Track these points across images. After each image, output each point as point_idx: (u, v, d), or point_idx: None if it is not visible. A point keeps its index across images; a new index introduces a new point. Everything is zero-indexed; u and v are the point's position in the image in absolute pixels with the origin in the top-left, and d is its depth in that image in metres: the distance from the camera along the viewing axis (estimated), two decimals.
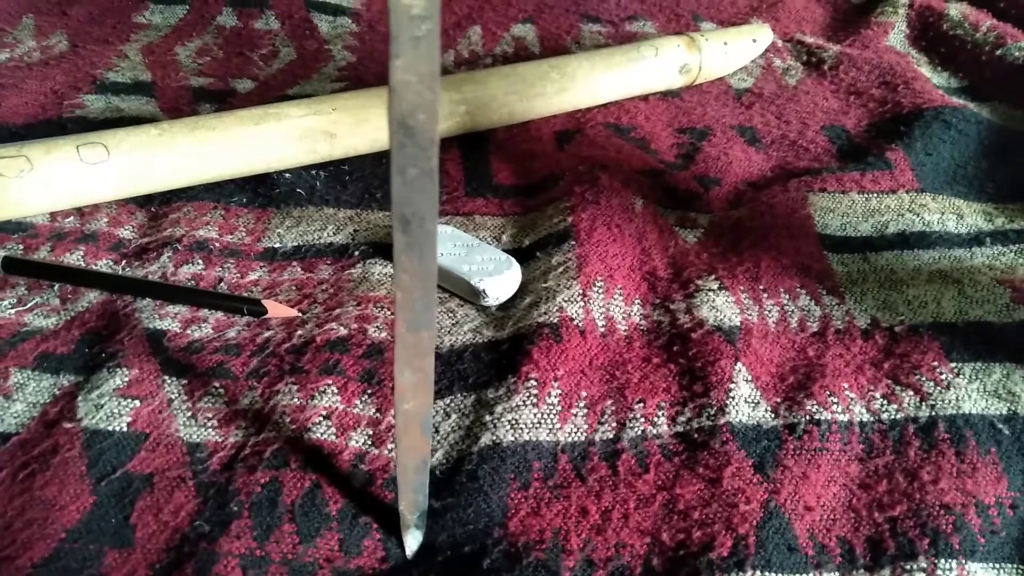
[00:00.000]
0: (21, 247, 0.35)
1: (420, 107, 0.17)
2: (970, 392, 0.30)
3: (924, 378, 0.30)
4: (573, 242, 0.35)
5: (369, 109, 0.40)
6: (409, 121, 0.17)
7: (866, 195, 0.39)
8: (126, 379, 0.29)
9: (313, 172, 0.40)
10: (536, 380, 0.29)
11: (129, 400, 0.28)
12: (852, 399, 0.29)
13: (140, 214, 0.37)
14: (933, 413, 0.29)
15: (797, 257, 0.36)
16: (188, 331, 0.31)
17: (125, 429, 0.27)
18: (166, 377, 0.29)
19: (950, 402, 0.29)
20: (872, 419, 0.29)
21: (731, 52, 0.48)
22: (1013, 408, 0.29)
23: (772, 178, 0.41)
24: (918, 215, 0.38)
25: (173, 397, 0.28)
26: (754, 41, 0.50)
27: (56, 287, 0.33)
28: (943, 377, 0.30)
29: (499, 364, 0.30)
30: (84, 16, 0.53)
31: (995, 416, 0.29)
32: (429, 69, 0.17)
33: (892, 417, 0.29)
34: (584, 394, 0.29)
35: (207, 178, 0.38)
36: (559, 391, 0.29)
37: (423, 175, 0.18)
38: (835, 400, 0.29)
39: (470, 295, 0.32)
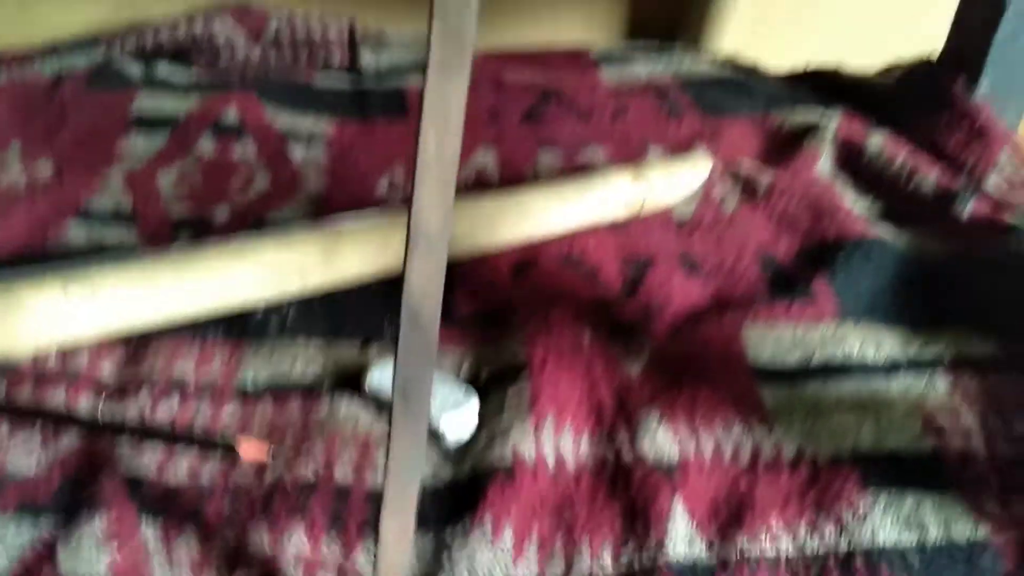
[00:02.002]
0: (4, 387, 0.36)
1: (426, 299, 0.21)
2: (884, 523, 0.33)
3: (844, 509, 0.33)
4: (526, 376, 0.38)
5: (337, 248, 0.43)
6: (417, 310, 0.21)
7: (794, 326, 0.43)
8: (104, 524, 0.30)
9: (285, 307, 0.43)
10: (491, 520, 0.31)
11: (108, 545, 0.30)
12: (779, 534, 0.32)
13: (119, 350, 0.39)
14: (851, 546, 0.32)
15: (731, 389, 0.39)
16: (165, 474, 0.33)
17: (104, 573, 0.29)
18: (143, 520, 0.31)
19: (866, 533, 0.32)
20: (797, 554, 0.32)
21: (675, 183, 0.53)
22: (922, 539, 0.32)
23: (709, 308, 0.45)
24: (840, 345, 0.42)
25: (149, 541, 0.30)
26: (695, 173, 0.54)
27: (38, 428, 0.35)
28: (860, 509, 0.33)
29: (456, 504, 0.32)
30: (70, 141, 0.56)
31: (907, 547, 0.32)
32: (438, 270, 0.21)
33: (815, 551, 0.32)
34: (535, 533, 0.31)
35: (187, 315, 0.40)
36: (512, 531, 0.31)
37: (424, 357, 0.22)
38: (764, 534, 0.32)
39: (429, 435, 0.35)
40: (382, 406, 0.36)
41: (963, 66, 0.62)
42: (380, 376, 0.37)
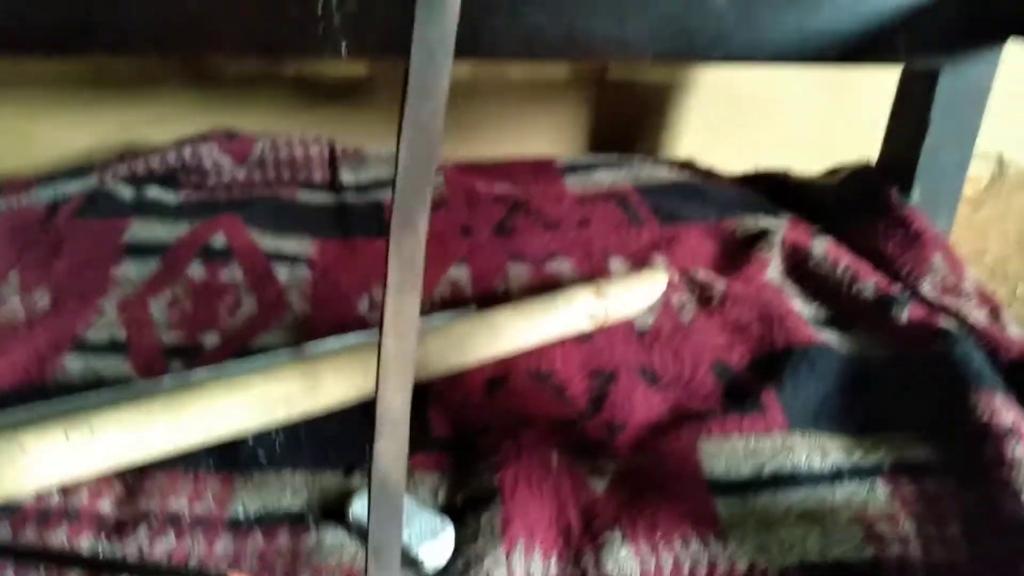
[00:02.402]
0: (8, 528, 0.39)
1: (393, 470, 0.24)
2: None
3: None
4: (499, 502, 0.41)
5: (320, 377, 0.46)
6: (385, 480, 0.24)
7: (745, 438, 0.47)
8: None
9: (272, 435, 0.46)
10: None
11: None
12: None
13: (118, 486, 0.42)
14: None
15: (689, 504, 0.42)
16: None
17: None
18: None
19: None
20: None
21: (633, 298, 0.57)
22: None
23: (669, 420, 0.49)
24: (789, 455, 0.46)
25: None
26: (652, 287, 0.58)
27: (42, 569, 0.37)
28: None
29: None
30: (65, 270, 0.59)
31: None
32: (401, 448, 0.24)
33: None
34: None
35: (180, 449, 0.43)
36: None
37: (392, 517, 0.25)
38: None
39: (407, 562, 0.38)
40: (365, 535, 0.39)
41: (896, 175, 0.68)
42: (362, 506, 0.40)
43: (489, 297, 0.60)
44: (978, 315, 0.57)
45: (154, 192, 0.69)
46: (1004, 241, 1.01)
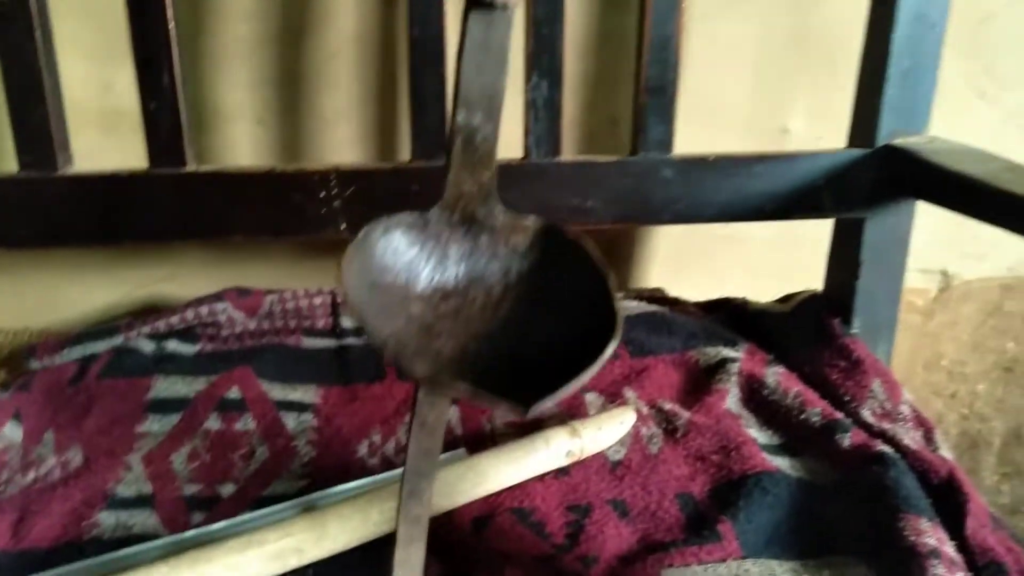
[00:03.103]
0: None
1: None
2: None
3: None
4: None
5: (326, 525, 0.53)
6: None
7: (704, 566, 0.53)
8: None
9: None
10: None
11: None
12: None
13: None
14: None
15: None
16: None
17: None
18: None
19: None
20: None
21: (604, 435, 0.64)
22: None
23: (636, 551, 0.55)
24: None
25: None
26: (621, 423, 0.65)
27: None
28: None
29: None
30: (94, 428, 0.66)
31: None
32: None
33: None
34: None
35: None
36: None
37: None
38: None
39: None
40: None
41: (838, 306, 0.76)
42: None
43: (477, 435, 0.67)
44: (912, 437, 0.64)
45: (173, 346, 0.77)
46: (958, 345, 1.09)
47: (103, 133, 0.80)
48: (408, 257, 0.33)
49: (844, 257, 0.75)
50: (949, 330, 1.07)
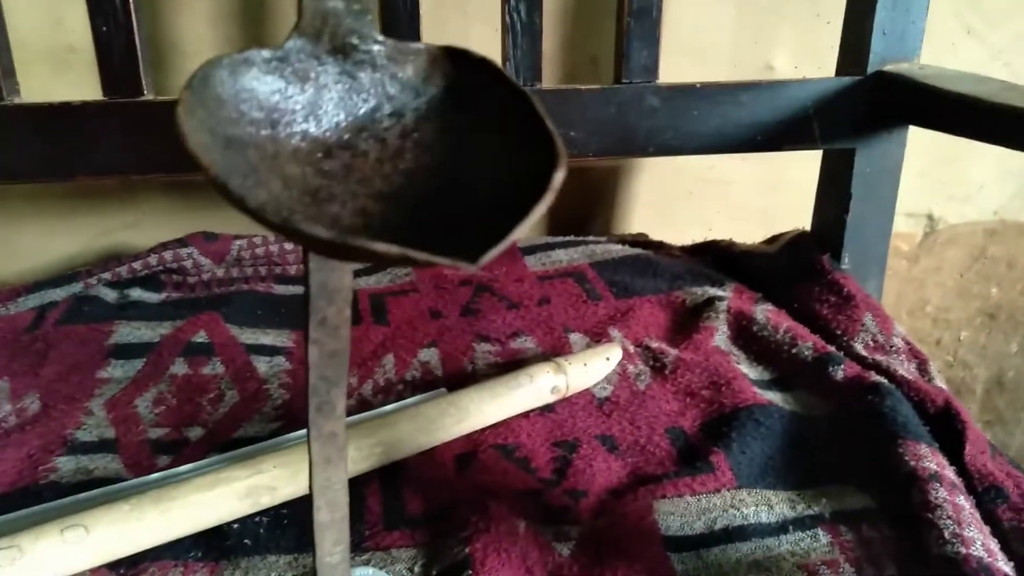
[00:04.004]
0: None
1: None
2: None
3: None
4: (470, 572, 0.44)
5: (302, 462, 0.50)
6: None
7: (697, 496, 0.51)
8: None
9: (257, 519, 0.49)
10: None
11: None
12: None
13: None
14: None
15: (646, 562, 0.46)
16: None
17: None
18: None
19: None
20: None
21: (590, 371, 0.62)
22: None
23: (627, 484, 0.53)
24: (738, 510, 0.50)
25: None
26: (607, 359, 0.63)
27: None
28: None
29: None
30: (53, 375, 0.63)
31: None
32: None
33: None
34: None
35: (170, 539, 0.46)
36: None
37: None
38: None
39: None
40: None
41: (827, 243, 0.74)
42: None
43: (458, 376, 0.64)
44: (907, 369, 0.62)
45: (137, 293, 0.73)
46: (943, 291, 1.08)
47: (54, 72, 0.76)
48: (269, 104, 0.26)
49: (834, 191, 0.73)
50: (934, 276, 1.06)
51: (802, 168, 0.81)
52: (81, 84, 0.74)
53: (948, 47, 0.91)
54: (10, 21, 0.63)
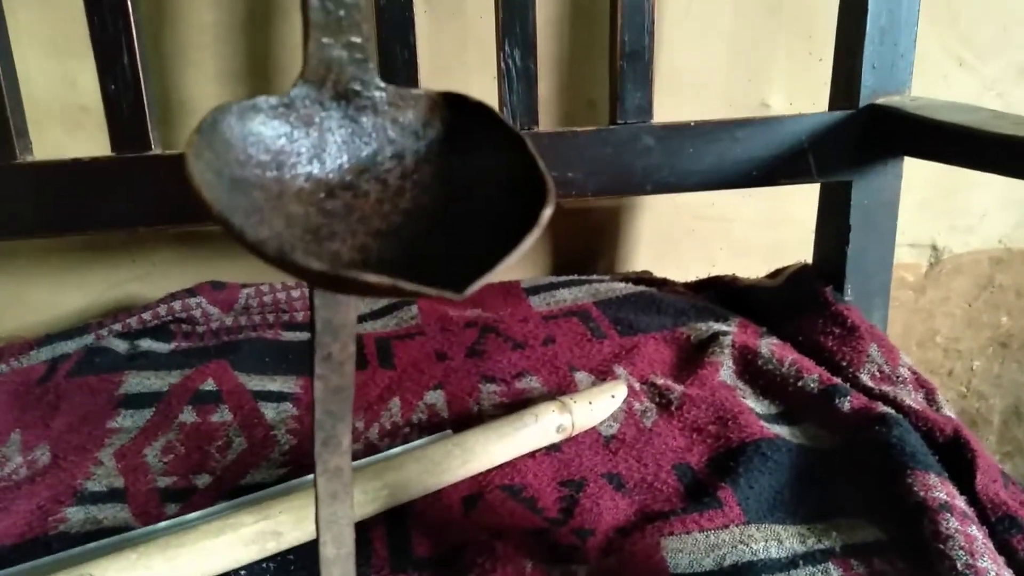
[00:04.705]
0: None
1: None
2: None
3: None
4: None
5: (308, 507, 0.50)
6: None
7: (706, 533, 0.50)
8: None
9: (264, 565, 0.48)
10: None
11: None
12: None
13: None
14: None
15: None
16: None
17: None
18: None
19: None
20: None
21: (596, 409, 0.62)
22: None
23: (635, 522, 0.52)
24: (747, 545, 0.49)
25: None
26: (612, 397, 0.63)
27: None
28: None
29: None
30: (64, 426, 0.63)
31: None
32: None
33: None
34: None
35: None
36: None
37: None
38: None
39: None
40: None
41: (830, 275, 0.75)
42: None
43: (464, 417, 0.64)
44: (914, 399, 0.62)
45: (147, 344, 0.74)
46: (952, 321, 1.07)
47: (67, 130, 0.78)
48: (275, 147, 0.27)
49: (833, 224, 0.74)
50: (942, 306, 1.06)
51: (803, 202, 0.82)
52: (93, 142, 0.77)
53: (941, 79, 0.92)
54: (26, 81, 0.66)
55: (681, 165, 0.68)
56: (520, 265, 0.92)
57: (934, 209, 1.00)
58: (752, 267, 0.87)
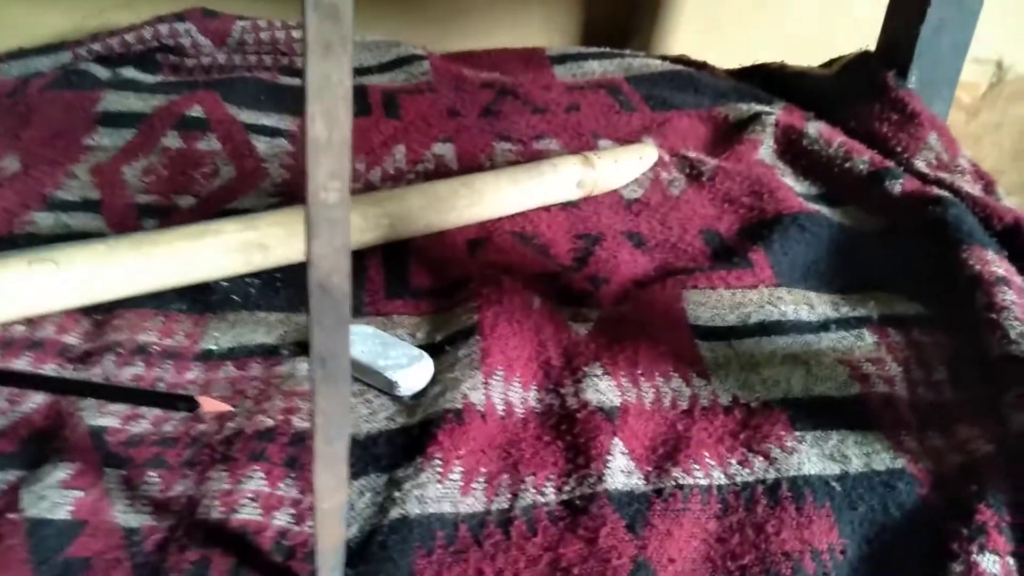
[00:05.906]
0: None
1: (334, 272, 0.21)
2: (810, 456, 0.35)
3: (772, 446, 0.35)
4: (478, 337, 0.40)
5: (299, 224, 0.45)
6: (325, 283, 0.21)
7: (732, 290, 0.46)
8: (69, 472, 0.32)
9: (248, 280, 0.44)
10: (440, 459, 0.33)
11: (71, 491, 0.31)
12: (712, 465, 0.34)
13: (85, 322, 0.41)
14: (778, 475, 0.34)
15: (671, 345, 0.41)
16: (128, 427, 0.34)
17: (67, 518, 0.30)
18: (106, 469, 0.32)
19: (793, 465, 0.35)
20: (728, 482, 0.34)
21: (621, 168, 0.56)
22: (845, 468, 0.35)
23: (654, 277, 0.48)
24: (776, 306, 0.45)
25: (112, 487, 0.32)
26: (640, 159, 0.57)
27: (4, 391, 0.36)
28: (788, 444, 0.36)
29: (409, 447, 0.34)
30: (36, 139, 0.57)
31: (830, 476, 0.34)
32: (342, 243, 0.21)
33: (744, 480, 0.34)
34: (483, 470, 0.33)
35: (150, 289, 0.42)
36: (461, 468, 0.33)
37: (337, 324, 0.22)
38: (697, 467, 0.34)
39: (386, 387, 0.37)
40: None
41: (894, 60, 0.66)
42: None
43: (475, 171, 0.58)
44: (972, 189, 0.56)
45: (130, 73, 0.67)
46: (999, 153, 1.00)
47: None
48: None
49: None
50: (992, 132, 0.98)
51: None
52: None
53: None
54: None
55: None
56: (544, 30, 0.83)
57: (1007, 20, 0.89)
58: (801, 61, 0.78)
